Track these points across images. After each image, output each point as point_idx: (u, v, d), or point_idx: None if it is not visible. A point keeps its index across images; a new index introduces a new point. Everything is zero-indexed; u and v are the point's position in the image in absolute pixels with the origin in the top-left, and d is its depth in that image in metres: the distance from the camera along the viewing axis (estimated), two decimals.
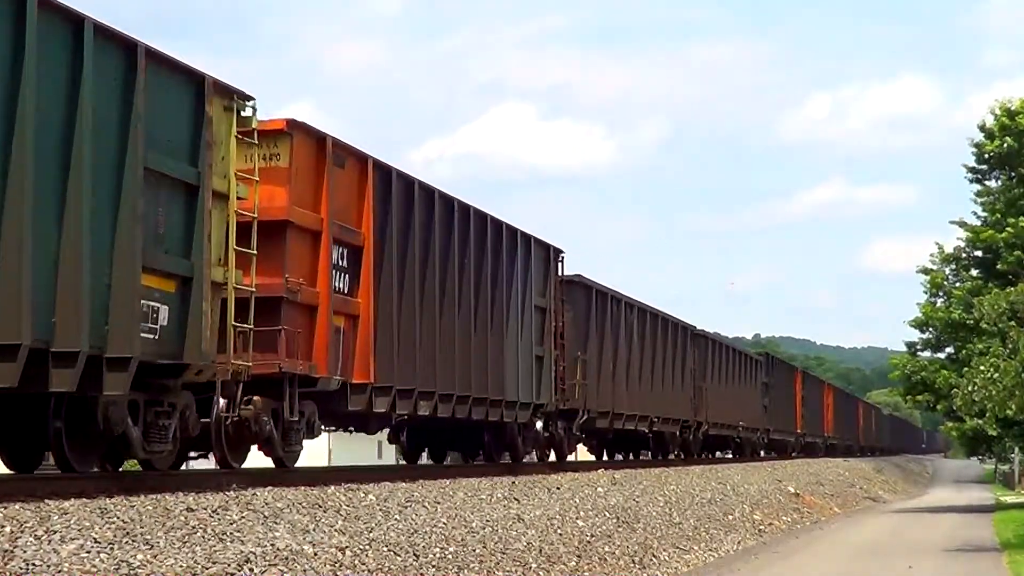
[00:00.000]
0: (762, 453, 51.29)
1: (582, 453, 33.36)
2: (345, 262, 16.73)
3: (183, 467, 16.27)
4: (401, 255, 18.05)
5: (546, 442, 25.31)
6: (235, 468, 15.05)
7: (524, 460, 24.28)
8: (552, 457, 26.14)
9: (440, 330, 19.21)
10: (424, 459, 24.91)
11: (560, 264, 25.06)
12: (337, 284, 16.33)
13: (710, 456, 43.03)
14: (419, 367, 18.40)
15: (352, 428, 19.71)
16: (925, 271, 39.17)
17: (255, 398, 14.85)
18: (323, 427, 17.80)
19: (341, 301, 16.44)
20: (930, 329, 38.76)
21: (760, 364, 50.26)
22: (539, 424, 24.22)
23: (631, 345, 30.76)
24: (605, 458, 33.40)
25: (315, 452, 38.43)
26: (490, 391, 20.99)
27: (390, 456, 56.08)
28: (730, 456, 46.49)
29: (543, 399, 23.74)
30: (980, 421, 33.49)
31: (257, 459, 17.85)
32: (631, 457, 35.51)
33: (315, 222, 15.91)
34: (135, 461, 14.29)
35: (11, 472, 12.94)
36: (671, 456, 35.66)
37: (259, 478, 14.72)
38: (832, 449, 65.99)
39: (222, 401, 14.42)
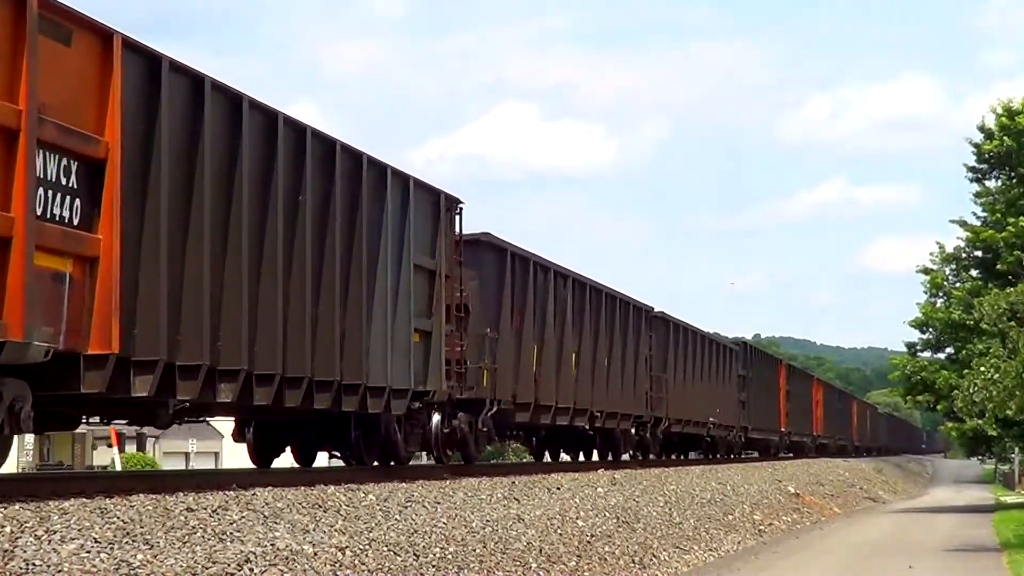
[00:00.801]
0: (742, 454, 47.25)
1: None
2: (73, 180, 11.66)
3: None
4: (183, 180, 13.01)
5: (447, 439, 20.21)
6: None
7: (412, 462, 20.69)
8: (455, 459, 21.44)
9: (259, 290, 14.27)
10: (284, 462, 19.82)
11: (458, 218, 19.93)
12: (54, 209, 11.33)
13: (680, 457, 39.00)
14: (225, 337, 13.56)
15: (125, 421, 15.40)
16: (925, 271, 39.22)
17: None
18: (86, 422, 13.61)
19: (62, 235, 11.36)
20: (930, 329, 38.79)
21: (736, 354, 44.76)
22: (436, 418, 19.65)
23: (565, 325, 25.15)
24: (548, 459, 28.57)
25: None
26: (343, 374, 15.92)
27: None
28: (703, 457, 41.19)
29: (430, 386, 18.61)
30: (980, 421, 33.51)
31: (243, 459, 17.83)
32: (580, 458, 29.86)
33: (6, 117, 10.69)
34: (131, 458, 14.30)
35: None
36: (625, 457, 31.77)
37: (259, 478, 14.71)
38: (823, 449, 62.77)
39: None
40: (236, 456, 25.62)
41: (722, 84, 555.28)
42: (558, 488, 19.88)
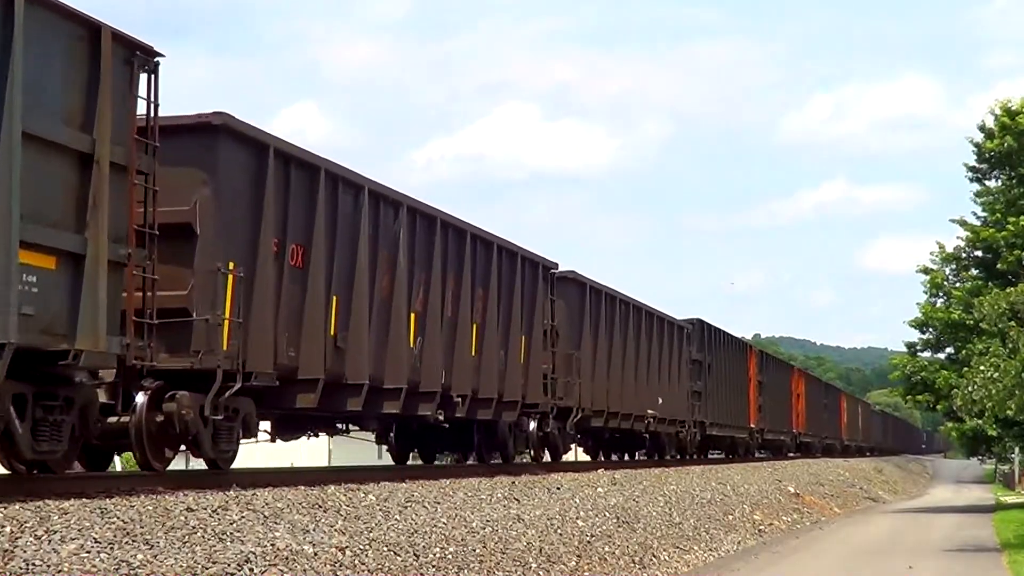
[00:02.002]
0: (703, 454, 40.47)
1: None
2: None
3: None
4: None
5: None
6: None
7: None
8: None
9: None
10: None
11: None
12: None
13: (615, 459, 32.66)
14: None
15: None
16: (925, 271, 39.21)
17: None
18: None
19: None
20: (930, 329, 38.79)
21: (689, 335, 36.51)
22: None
23: (411, 272, 18.52)
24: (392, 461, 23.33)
25: (315, 452, 38.55)
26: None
27: (390, 456, 56.13)
28: (645, 458, 33.75)
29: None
30: (980, 421, 33.51)
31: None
32: (435, 459, 24.98)
33: None
34: (131, 458, 14.46)
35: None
36: (519, 458, 24.70)
37: (259, 478, 14.72)
38: (806, 449, 57.77)
39: None
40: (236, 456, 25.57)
41: (723, 84, 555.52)
42: (558, 488, 19.89)
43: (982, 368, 23.98)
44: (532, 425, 23.70)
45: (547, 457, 25.37)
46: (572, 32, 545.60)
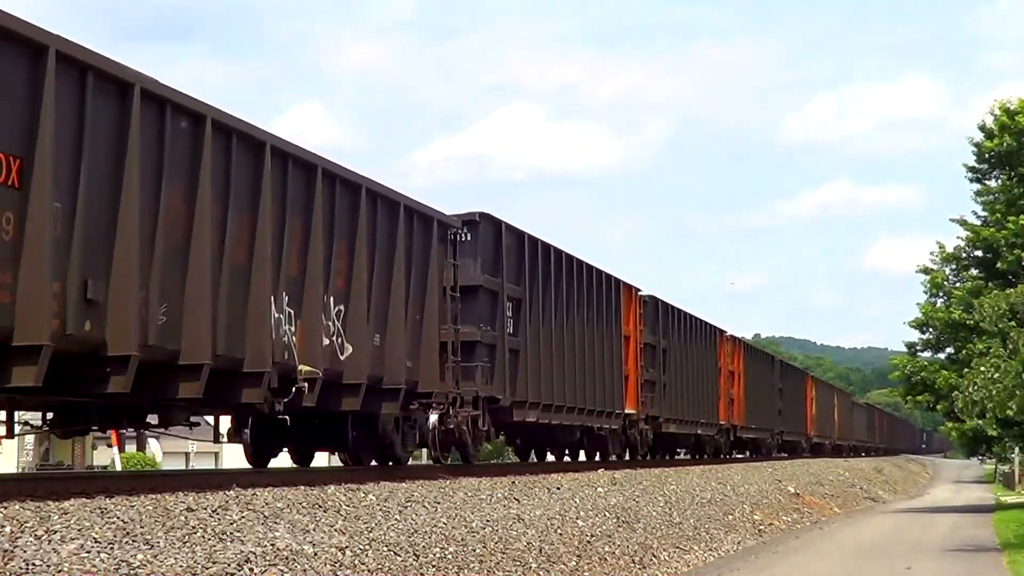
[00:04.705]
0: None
1: None
2: None
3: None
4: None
5: None
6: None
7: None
8: None
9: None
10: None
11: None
12: None
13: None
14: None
15: None
16: (925, 271, 39.20)
17: None
18: None
19: None
20: (930, 329, 38.77)
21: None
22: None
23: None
24: None
25: (318, 452, 38.43)
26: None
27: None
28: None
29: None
30: (980, 421, 33.50)
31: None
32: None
33: None
34: (131, 458, 14.36)
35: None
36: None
37: (259, 478, 14.71)
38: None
39: None
40: (236, 456, 25.58)
41: (726, 85, 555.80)
42: (558, 488, 19.89)
43: (982, 368, 23.96)
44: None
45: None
46: (577, 33, 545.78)
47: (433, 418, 19.56)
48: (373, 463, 19.21)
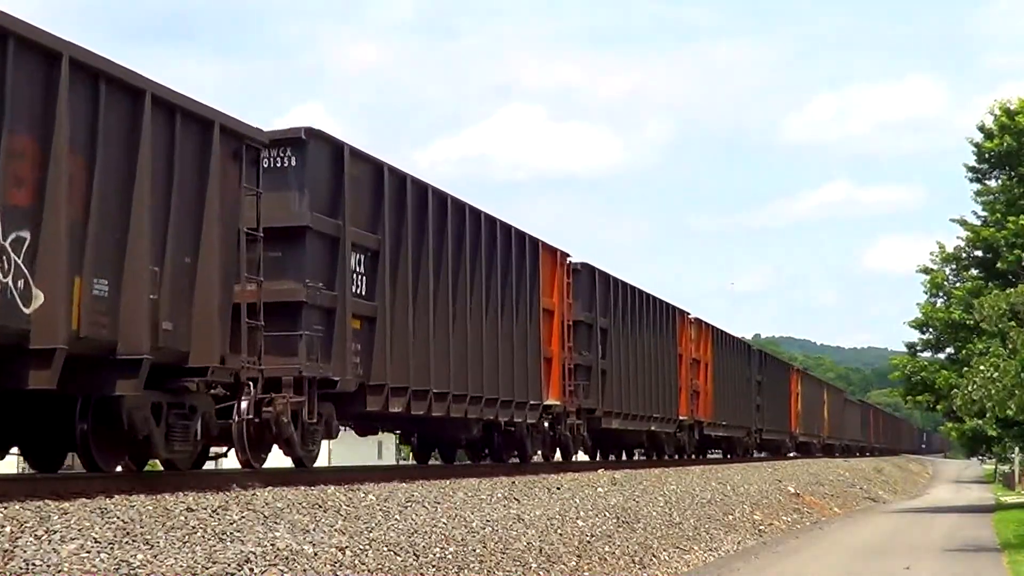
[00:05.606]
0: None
1: None
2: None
3: None
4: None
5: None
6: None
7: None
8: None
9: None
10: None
11: None
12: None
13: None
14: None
15: None
16: (925, 271, 39.19)
17: None
18: None
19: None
20: (930, 329, 38.77)
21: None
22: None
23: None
24: None
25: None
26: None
27: (390, 456, 56.20)
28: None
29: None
30: (980, 421, 33.50)
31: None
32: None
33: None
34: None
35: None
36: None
37: (259, 478, 14.70)
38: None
39: None
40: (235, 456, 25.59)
41: (727, 85, 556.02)
42: (558, 488, 19.88)
43: (982, 368, 23.96)
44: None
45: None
46: (577, 33, 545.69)
47: (243, 406, 14.49)
48: (119, 469, 13.71)
